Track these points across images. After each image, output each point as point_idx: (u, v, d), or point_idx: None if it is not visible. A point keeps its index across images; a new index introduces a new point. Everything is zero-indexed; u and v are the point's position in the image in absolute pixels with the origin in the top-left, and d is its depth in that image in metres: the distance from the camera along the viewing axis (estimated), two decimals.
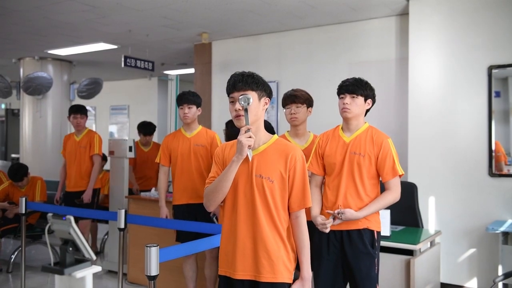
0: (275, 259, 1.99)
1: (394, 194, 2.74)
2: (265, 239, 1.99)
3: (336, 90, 3.09)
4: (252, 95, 2.00)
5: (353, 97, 2.76)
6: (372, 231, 2.73)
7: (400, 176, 2.75)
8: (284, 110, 3.34)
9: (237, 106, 1.99)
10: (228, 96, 2.07)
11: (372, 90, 2.83)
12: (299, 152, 2.05)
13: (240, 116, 1.99)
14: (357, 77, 2.85)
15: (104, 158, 5.77)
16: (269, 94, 2.09)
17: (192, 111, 3.80)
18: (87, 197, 5.14)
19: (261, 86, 2.03)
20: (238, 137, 1.96)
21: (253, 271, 2.01)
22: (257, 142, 2.05)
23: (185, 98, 3.79)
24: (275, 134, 2.13)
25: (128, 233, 4.67)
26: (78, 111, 5.22)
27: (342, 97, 2.80)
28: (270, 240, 2.00)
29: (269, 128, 3.76)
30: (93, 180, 5.19)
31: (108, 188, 6.07)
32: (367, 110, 2.87)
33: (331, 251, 2.76)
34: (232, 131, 3.54)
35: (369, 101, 2.82)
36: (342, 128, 2.87)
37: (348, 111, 2.76)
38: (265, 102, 2.07)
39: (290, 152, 2.03)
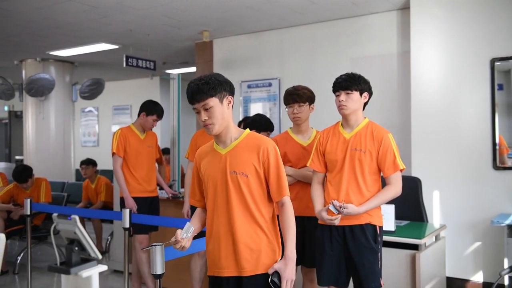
0: (257, 252, 2.03)
1: (395, 189, 2.73)
2: (244, 234, 2.03)
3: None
4: (213, 102, 2.00)
5: (348, 93, 2.75)
6: (374, 226, 2.73)
7: (401, 170, 2.75)
8: (286, 109, 3.31)
9: (203, 117, 2.02)
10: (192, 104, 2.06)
11: (366, 83, 2.81)
12: (270, 144, 2.08)
13: (208, 125, 2.03)
14: (350, 72, 2.83)
15: None
16: (230, 91, 2.08)
17: None
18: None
19: (219, 88, 2.02)
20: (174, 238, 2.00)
21: (237, 267, 2.05)
22: (229, 139, 2.09)
23: None
24: (247, 129, 2.17)
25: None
26: (162, 116, 4.43)
27: (338, 95, 2.79)
28: (249, 234, 2.04)
29: (266, 124, 3.73)
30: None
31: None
32: (365, 104, 2.86)
33: (334, 247, 2.76)
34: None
35: (365, 94, 2.81)
36: (342, 124, 2.86)
37: (345, 108, 2.75)
38: (229, 101, 2.07)
39: (262, 145, 2.06)
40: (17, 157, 10.65)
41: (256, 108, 6.04)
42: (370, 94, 2.84)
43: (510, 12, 4.24)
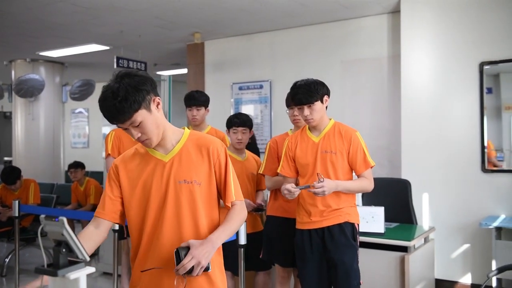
0: (210, 274, 1.75)
1: (369, 183, 2.76)
2: None
3: (290, 99, 2.91)
4: (141, 116, 1.67)
5: (310, 106, 2.70)
6: (352, 224, 2.76)
7: (371, 167, 2.77)
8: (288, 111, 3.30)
9: (135, 135, 1.72)
10: None
11: (323, 86, 2.76)
12: (219, 143, 1.84)
13: (144, 141, 1.74)
14: (302, 81, 2.75)
15: None
16: (152, 90, 1.72)
17: (201, 113, 3.65)
18: None
19: (140, 97, 1.65)
20: None
21: None
22: (169, 142, 1.80)
23: (194, 100, 3.60)
24: (186, 128, 1.89)
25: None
26: None
27: (300, 108, 2.74)
28: None
29: (242, 120, 3.41)
30: None
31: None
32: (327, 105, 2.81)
33: (314, 249, 2.77)
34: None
35: (325, 98, 2.76)
36: (309, 128, 2.86)
37: (312, 120, 2.73)
38: (157, 103, 1.73)
39: (210, 145, 1.81)
40: (6, 158, 10.53)
41: (247, 110, 6.04)
42: (329, 94, 2.80)
43: (499, 17, 4.29)
